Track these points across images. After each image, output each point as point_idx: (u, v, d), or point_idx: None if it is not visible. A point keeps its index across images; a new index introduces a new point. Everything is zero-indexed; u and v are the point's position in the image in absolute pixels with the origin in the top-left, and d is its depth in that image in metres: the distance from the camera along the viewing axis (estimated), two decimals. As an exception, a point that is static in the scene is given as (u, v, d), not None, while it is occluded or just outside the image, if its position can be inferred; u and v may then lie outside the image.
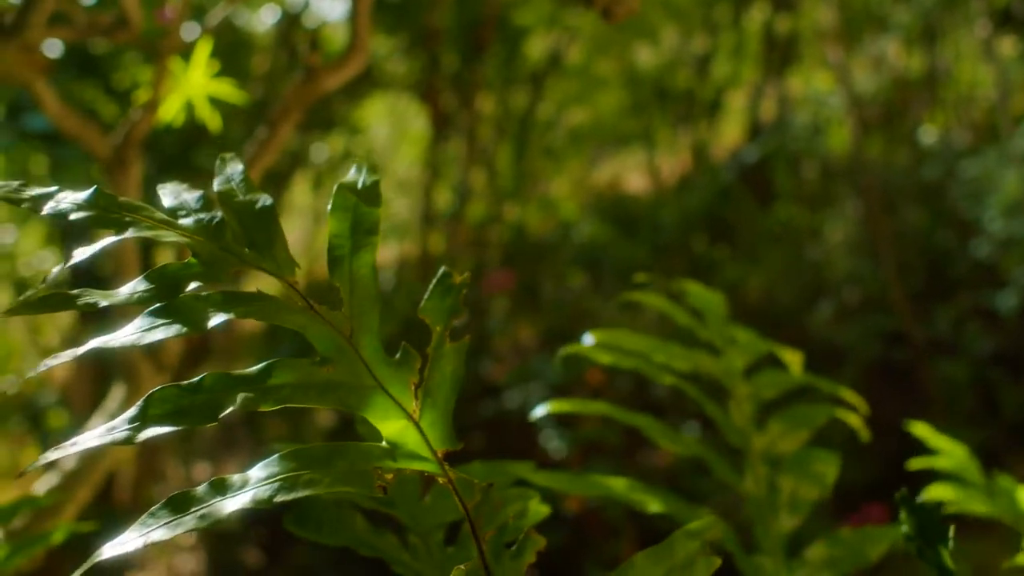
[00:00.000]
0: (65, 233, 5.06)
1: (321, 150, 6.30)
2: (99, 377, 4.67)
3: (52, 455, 0.59)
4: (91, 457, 1.41)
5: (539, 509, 0.85)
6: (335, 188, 0.77)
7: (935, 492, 0.98)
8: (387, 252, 6.90)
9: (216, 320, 0.66)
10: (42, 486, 1.48)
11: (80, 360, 0.63)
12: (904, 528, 0.91)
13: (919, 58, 6.51)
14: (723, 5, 7.20)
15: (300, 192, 7.10)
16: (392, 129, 7.53)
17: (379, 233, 0.77)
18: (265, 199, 0.76)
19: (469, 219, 6.30)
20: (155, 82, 1.64)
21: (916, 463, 1.07)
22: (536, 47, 6.93)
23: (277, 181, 5.72)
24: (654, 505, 0.95)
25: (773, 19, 7.30)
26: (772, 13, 7.31)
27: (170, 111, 1.77)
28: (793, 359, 1.10)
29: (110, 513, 4.10)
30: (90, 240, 0.71)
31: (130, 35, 1.63)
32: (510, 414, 4.80)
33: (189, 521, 0.59)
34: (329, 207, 0.76)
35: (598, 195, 7.76)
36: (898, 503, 0.92)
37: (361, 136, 6.66)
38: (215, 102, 1.82)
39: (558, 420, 4.80)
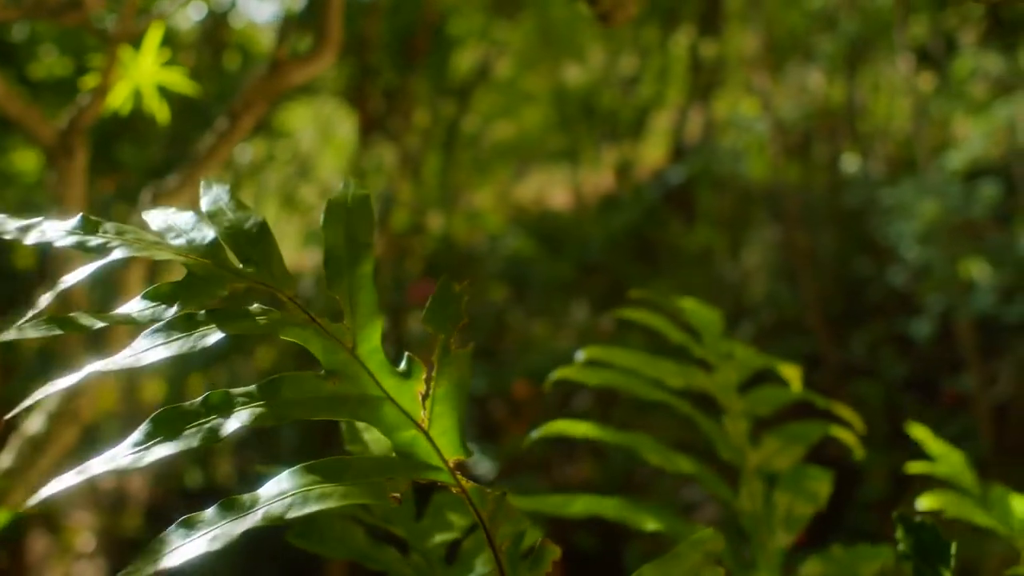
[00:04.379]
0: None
1: (244, 152, 6.16)
2: None
3: (63, 483, 0.60)
4: (29, 457, 1.34)
5: (532, 532, 0.84)
6: (325, 205, 0.78)
7: (929, 501, 0.97)
8: (307, 259, 6.79)
9: (215, 338, 0.66)
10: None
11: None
12: (900, 547, 0.90)
13: (840, 88, 6.68)
14: (650, 28, 7.29)
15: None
16: (317, 134, 7.41)
17: (374, 244, 0.77)
18: (256, 216, 0.76)
19: (393, 228, 6.23)
20: (104, 68, 1.56)
21: (915, 467, 1.06)
22: (465, 59, 6.91)
23: (198, 182, 5.56)
24: (649, 523, 0.94)
25: (699, 43, 7.42)
26: (698, 37, 7.43)
27: (117, 99, 1.70)
28: (793, 374, 1.09)
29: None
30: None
31: (80, 17, 1.55)
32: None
33: (200, 544, 0.58)
34: (322, 223, 0.76)
35: (522, 209, 7.77)
36: (895, 521, 0.91)
37: (285, 140, 6.53)
38: (163, 92, 1.75)
39: (482, 435, 4.77)
